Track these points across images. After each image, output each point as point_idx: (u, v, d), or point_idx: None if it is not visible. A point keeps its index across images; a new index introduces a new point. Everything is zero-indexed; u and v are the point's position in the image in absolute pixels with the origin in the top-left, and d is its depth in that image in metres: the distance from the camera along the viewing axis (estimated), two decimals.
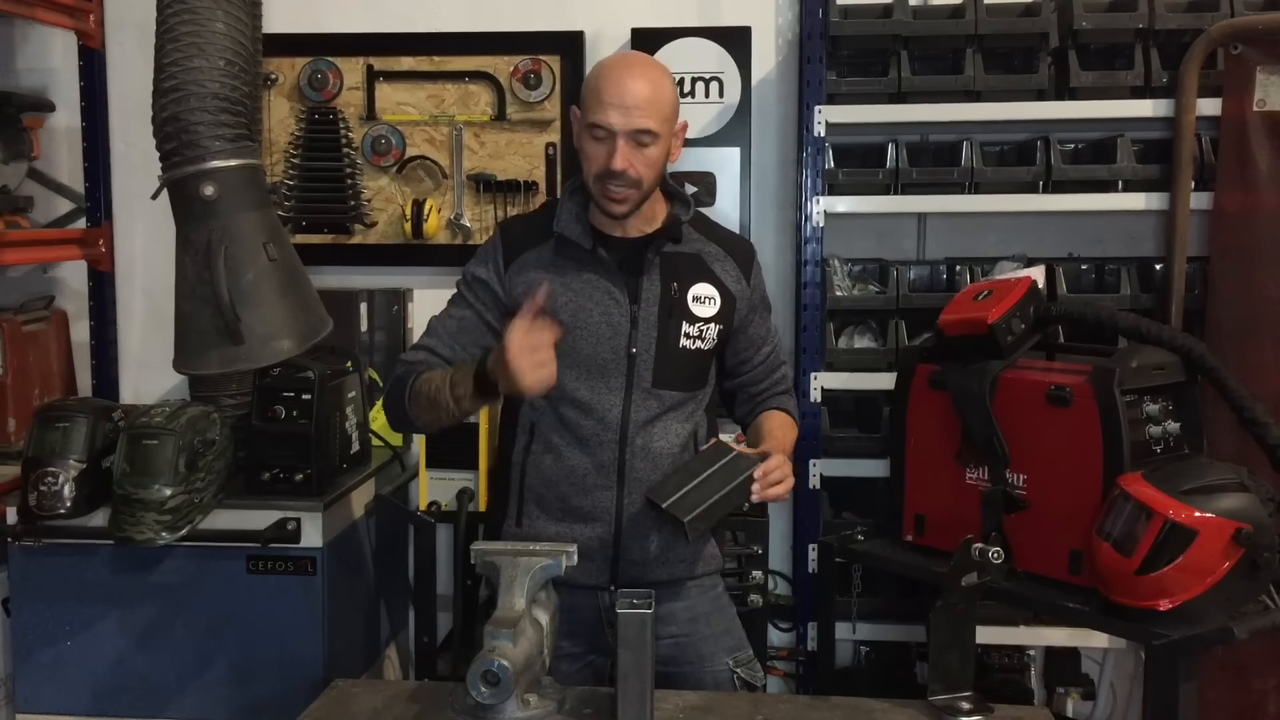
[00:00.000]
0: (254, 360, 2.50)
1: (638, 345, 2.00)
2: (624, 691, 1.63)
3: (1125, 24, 2.81)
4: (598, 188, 1.95)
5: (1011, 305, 2.20)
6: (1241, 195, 2.74)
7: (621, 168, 1.90)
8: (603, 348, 1.99)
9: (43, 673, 2.56)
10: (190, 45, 2.49)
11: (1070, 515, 2.09)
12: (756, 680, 2.10)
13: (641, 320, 2.00)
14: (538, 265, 2.02)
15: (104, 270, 3.24)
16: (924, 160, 2.98)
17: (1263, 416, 2.14)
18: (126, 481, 2.41)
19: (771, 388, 2.19)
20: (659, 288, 2.02)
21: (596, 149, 1.93)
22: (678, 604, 2.07)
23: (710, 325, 2.05)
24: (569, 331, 1.96)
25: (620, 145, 1.90)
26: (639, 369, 2.00)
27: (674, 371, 2.02)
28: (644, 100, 1.90)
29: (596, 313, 1.99)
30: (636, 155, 1.92)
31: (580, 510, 2.01)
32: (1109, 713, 3.10)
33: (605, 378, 1.99)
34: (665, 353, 2.01)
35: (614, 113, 1.89)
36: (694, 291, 2.04)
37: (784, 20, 3.14)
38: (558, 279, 2.00)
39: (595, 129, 1.92)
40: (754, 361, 2.16)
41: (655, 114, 1.92)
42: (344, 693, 1.85)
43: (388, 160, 3.17)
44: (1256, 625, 1.95)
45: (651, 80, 1.93)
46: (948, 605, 1.76)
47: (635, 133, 1.90)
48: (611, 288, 2.00)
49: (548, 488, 2.03)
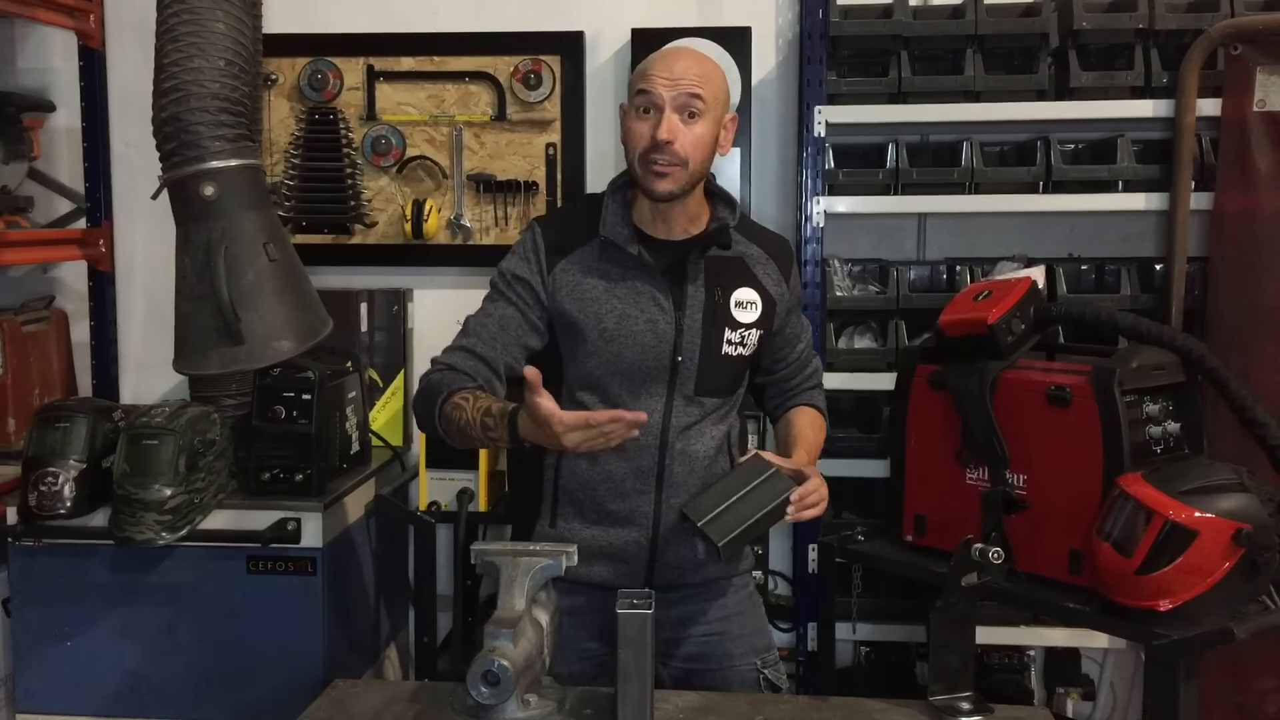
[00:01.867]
0: (254, 360, 2.50)
1: (683, 354, 1.96)
2: (624, 691, 1.63)
3: (1125, 24, 2.81)
4: (642, 166, 1.88)
5: (1011, 305, 2.21)
6: (1241, 195, 2.74)
7: (668, 137, 1.84)
8: (647, 356, 1.95)
9: (43, 673, 2.56)
10: (190, 45, 2.49)
11: (1070, 515, 2.10)
12: (781, 682, 2.09)
13: (686, 328, 1.96)
14: (581, 268, 1.96)
15: (104, 270, 3.23)
16: (924, 160, 2.98)
17: (1263, 416, 2.14)
18: (126, 481, 2.41)
19: (803, 383, 2.17)
20: (703, 294, 1.98)
21: (641, 125, 1.88)
22: (710, 603, 2.06)
23: (752, 331, 2.02)
24: (613, 339, 1.93)
25: (668, 115, 1.85)
26: (682, 376, 1.96)
27: (715, 379, 1.99)
28: (693, 74, 1.86)
29: (642, 320, 1.94)
30: (684, 130, 1.86)
31: (617, 515, 1.98)
32: (1109, 713, 3.10)
33: (647, 384, 1.96)
34: (708, 360, 1.98)
35: (660, 81, 1.85)
36: (737, 297, 2.00)
37: (784, 20, 3.13)
38: (602, 284, 1.95)
39: (641, 98, 1.87)
40: (789, 360, 2.14)
41: (706, 87, 1.87)
42: (344, 693, 1.85)
43: (388, 160, 3.17)
44: (1256, 625, 1.95)
45: (700, 60, 1.89)
46: (948, 605, 1.76)
47: (684, 101, 1.85)
48: (656, 294, 1.95)
49: (584, 491, 1.99)
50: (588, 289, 1.95)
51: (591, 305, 1.94)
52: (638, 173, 1.91)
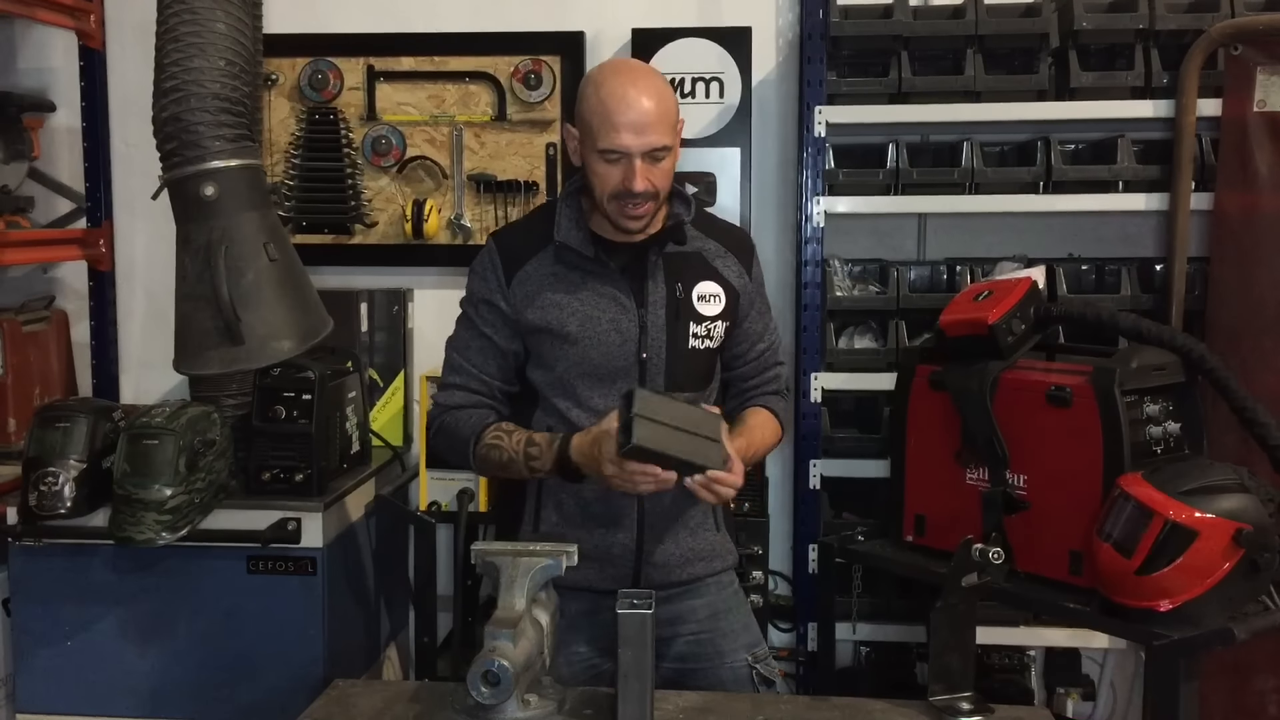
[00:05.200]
0: (254, 360, 2.50)
1: (648, 350, 1.98)
2: (624, 691, 1.63)
3: (1125, 24, 2.81)
4: (614, 206, 1.92)
5: (1012, 306, 2.21)
6: (1241, 196, 2.74)
7: (643, 188, 1.88)
8: (613, 355, 1.97)
9: (43, 673, 2.56)
10: (191, 45, 2.49)
11: (1070, 516, 2.10)
12: (773, 675, 2.09)
13: (650, 325, 1.98)
14: (539, 276, 1.99)
15: (104, 270, 3.24)
16: (924, 160, 2.97)
17: (1263, 417, 2.14)
18: (127, 481, 2.40)
19: (762, 386, 2.16)
20: (664, 290, 2.00)
21: (610, 170, 1.90)
22: (698, 601, 2.06)
23: (717, 323, 2.04)
24: (578, 341, 1.96)
25: (638, 165, 1.88)
26: (650, 373, 1.98)
27: (684, 373, 2.01)
28: (655, 117, 1.87)
29: (605, 320, 1.97)
30: (653, 171, 1.90)
31: (602, 516, 1.99)
32: (1109, 713, 3.10)
33: (617, 383, 1.97)
34: (675, 355, 2.00)
35: (627, 135, 1.87)
36: (698, 290, 2.03)
37: (784, 20, 3.13)
38: (562, 289, 1.98)
39: (609, 153, 1.89)
40: (747, 357, 2.14)
41: (667, 128, 1.90)
42: (344, 693, 1.85)
43: (388, 160, 3.17)
44: (1256, 625, 1.95)
45: (656, 93, 1.90)
46: (948, 605, 1.76)
47: (650, 149, 1.88)
48: (617, 294, 1.98)
49: (567, 494, 2.00)
50: (548, 295, 1.98)
51: (553, 311, 1.97)
52: (608, 210, 1.94)
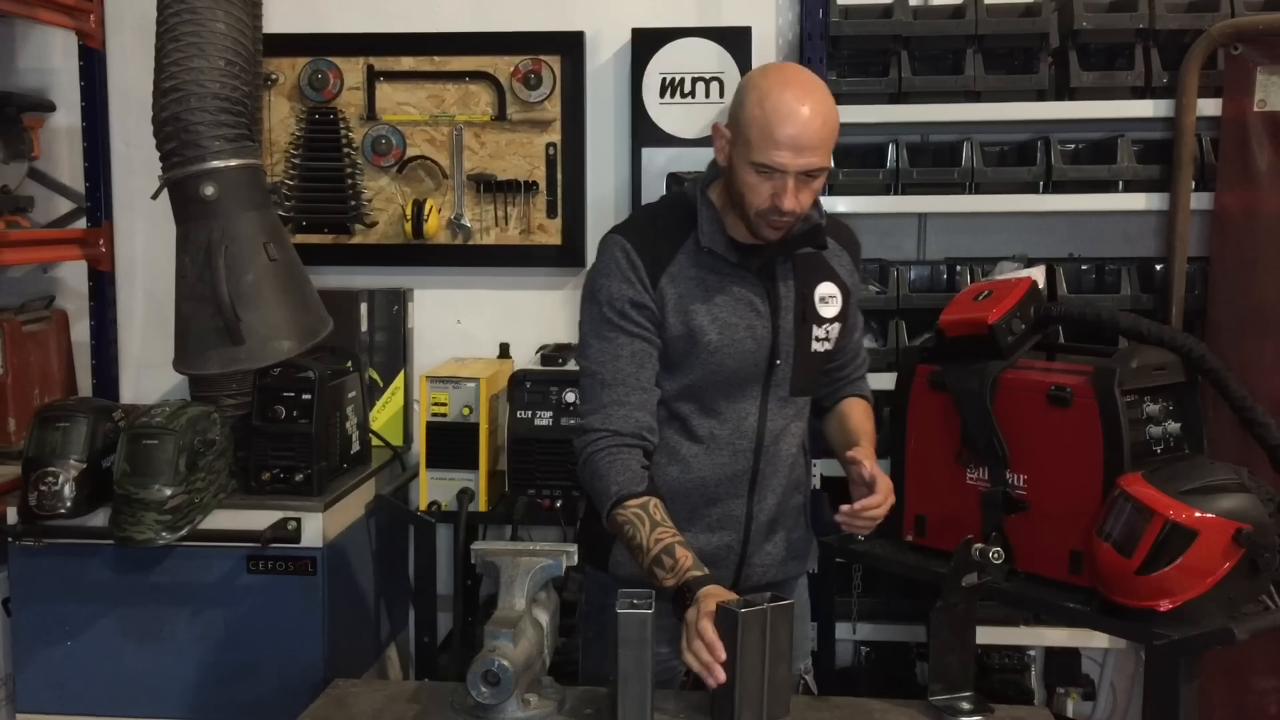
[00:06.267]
0: (254, 360, 2.50)
1: (780, 356, 1.93)
2: (624, 691, 1.63)
3: (1125, 24, 2.81)
4: (759, 220, 1.83)
5: (1012, 305, 2.20)
6: (1241, 195, 2.75)
7: (792, 208, 1.79)
8: (746, 362, 1.91)
9: (43, 673, 2.56)
10: (190, 45, 2.49)
11: (1070, 516, 2.09)
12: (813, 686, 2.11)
13: (781, 329, 1.93)
14: (683, 279, 1.89)
15: (104, 270, 3.23)
16: (924, 160, 2.98)
17: (1263, 417, 2.14)
18: (127, 481, 2.41)
19: (852, 373, 2.15)
20: (794, 293, 1.94)
21: (760, 184, 1.80)
22: None
23: (834, 325, 1.99)
24: (717, 350, 1.88)
25: (790, 184, 1.77)
26: (777, 379, 1.94)
27: (807, 377, 1.98)
28: (819, 139, 1.77)
29: (742, 327, 1.90)
30: (804, 191, 1.80)
31: (709, 519, 1.96)
32: (1109, 713, 3.10)
33: (743, 389, 1.93)
34: (801, 360, 1.95)
35: (787, 153, 1.75)
36: (820, 292, 1.97)
37: (784, 20, 3.13)
38: (701, 295, 1.89)
39: (763, 167, 1.78)
40: (846, 349, 2.11)
41: (828, 149, 1.80)
42: (344, 693, 1.85)
43: (388, 160, 3.17)
44: (1256, 625, 1.95)
45: (824, 113, 1.78)
46: (948, 605, 1.76)
47: (808, 170, 1.78)
48: (754, 298, 1.91)
49: (674, 498, 1.90)
50: (690, 302, 1.89)
51: (695, 318, 1.88)
52: (752, 220, 1.85)
